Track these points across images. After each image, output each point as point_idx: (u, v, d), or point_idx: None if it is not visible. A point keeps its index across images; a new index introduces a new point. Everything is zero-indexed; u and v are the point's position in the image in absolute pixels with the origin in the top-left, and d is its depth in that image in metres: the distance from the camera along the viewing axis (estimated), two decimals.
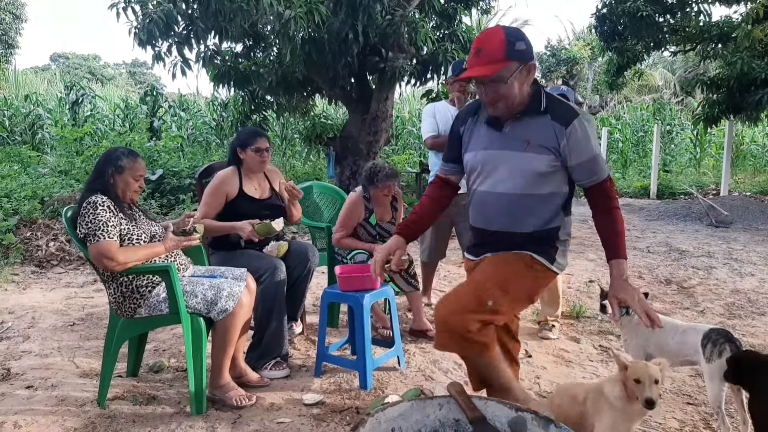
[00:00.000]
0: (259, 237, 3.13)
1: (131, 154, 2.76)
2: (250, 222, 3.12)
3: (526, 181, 2.05)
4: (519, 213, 2.09)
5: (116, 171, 2.66)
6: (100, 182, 2.65)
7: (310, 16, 5.78)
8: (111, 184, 2.64)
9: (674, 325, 2.64)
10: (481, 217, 2.21)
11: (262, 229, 3.10)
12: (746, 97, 9.35)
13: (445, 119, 4.10)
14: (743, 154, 16.05)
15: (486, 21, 12.90)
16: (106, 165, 2.68)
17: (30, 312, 4.17)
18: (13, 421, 2.53)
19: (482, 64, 1.97)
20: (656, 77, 25.97)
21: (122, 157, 2.70)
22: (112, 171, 2.65)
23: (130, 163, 2.70)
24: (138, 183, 2.73)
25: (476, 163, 2.15)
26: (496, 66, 1.95)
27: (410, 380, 3.04)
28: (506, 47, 1.95)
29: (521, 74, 1.99)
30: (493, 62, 1.95)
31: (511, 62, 1.96)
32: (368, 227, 3.76)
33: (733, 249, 6.85)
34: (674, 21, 9.98)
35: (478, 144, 2.15)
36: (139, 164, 2.74)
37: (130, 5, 6.08)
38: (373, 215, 3.77)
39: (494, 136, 2.10)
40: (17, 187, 6.79)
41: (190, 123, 14.22)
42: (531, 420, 1.67)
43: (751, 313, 4.35)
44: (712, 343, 2.38)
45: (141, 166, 2.75)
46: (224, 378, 2.74)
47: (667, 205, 10.47)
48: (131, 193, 2.72)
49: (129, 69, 40.57)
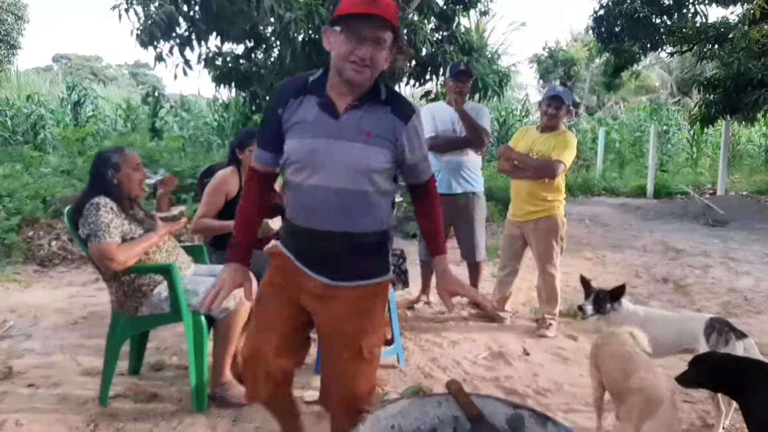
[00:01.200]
0: (258, 236, 3.16)
1: (118, 150, 2.80)
2: None
3: (362, 176, 1.77)
4: (354, 211, 1.80)
5: (115, 170, 2.69)
6: (99, 186, 2.67)
7: (310, 18, 5.81)
8: (115, 184, 2.68)
9: (667, 317, 2.68)
10: (310, 215, 1.83)
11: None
12: (743, 97, 9.39)
13: (443, 120, 4.14)
14: (740, 154, 16.08)
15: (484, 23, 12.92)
16: (103, 168, 2.70)
17: (32, 311, 4.19)
18: (15, 419, 2.55)
19: (382, 10, 1.67)
20: (653, 78, 26.02)
21: (113, 156, 2.74)
22: (111, 172, 2.68)
23: (122, 157, 2.73)
24: (140, 172, 2.77)
25: (304, 152, 1.78)
26: (393, 22, 1.70)
27: (409, 378, 3.07)
28: (396, 12, 1.73)
29: (390, 50, 1.76)
30: (392, 16, 1.70)
31: (394, 30, 1.73)
32: None
33: (729, 248, 6.89)
34: (671, 22, 10.02)
35: (306, 131, 1.77)
36: (130, 155, 2.77)
37: (132, 6, 6.10)
38: None
39: (328, 122, 1.76)
40: (20, 186, 6.81)
41: (191, 123, 14.23)
42: (528, 417, 1.70)
43: (747, 311, 4.39)
44: (717, 333, 2.40)
45: (132, 155, 2.79)
46: (226, 376, 2.77)
47: (663, 205, 10.51)
48: (137, 185, 2.75)
49: (131, 70, 40.56)
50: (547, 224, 3.81)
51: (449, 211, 4.16)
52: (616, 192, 12.92)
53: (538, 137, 3.83)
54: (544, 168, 3.71)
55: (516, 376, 3.14)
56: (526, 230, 3.90)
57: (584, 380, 3.09)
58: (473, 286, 4.41)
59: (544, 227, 3.81)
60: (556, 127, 3.85)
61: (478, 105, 4.33)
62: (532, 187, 3.80)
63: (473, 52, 7.76)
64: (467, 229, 4.19)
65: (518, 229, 3.96)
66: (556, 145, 3.71)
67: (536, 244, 3.87)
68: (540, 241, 3.84)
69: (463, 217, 4.17)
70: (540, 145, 3.78)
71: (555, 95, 3.84)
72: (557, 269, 3.89)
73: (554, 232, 3.81)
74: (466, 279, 4.72)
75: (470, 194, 4.16)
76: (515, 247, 4.02)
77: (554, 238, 3.82)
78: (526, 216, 3.86)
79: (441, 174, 4.13)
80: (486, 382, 3.05)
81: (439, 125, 4.15)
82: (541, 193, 3.78)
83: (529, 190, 3.81)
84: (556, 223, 3.82)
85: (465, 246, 4.26)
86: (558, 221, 3.82)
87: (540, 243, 3.84)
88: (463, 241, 4.25)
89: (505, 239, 4.12)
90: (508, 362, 3.33)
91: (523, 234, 3.94)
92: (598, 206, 10.09)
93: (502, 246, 4.17)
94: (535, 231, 3.85)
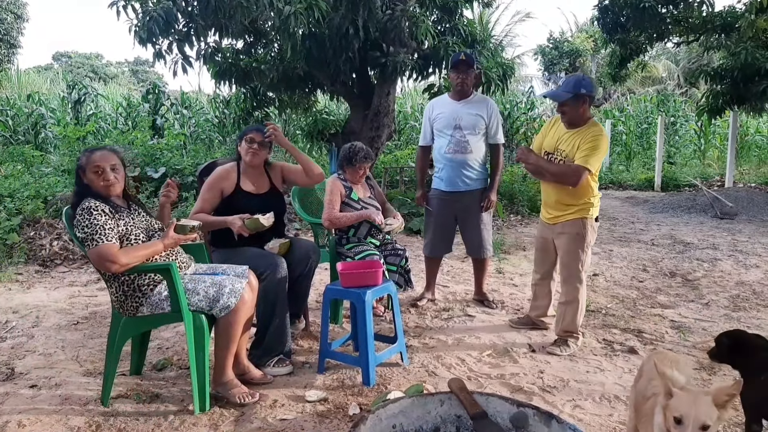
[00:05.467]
0: (249, 232, 3.13)
1: (88, 151, 2.73)
2: (240, 217, 3.12)
3: None
4: None
5: (83, 172, 2.66)
6: (80, 187, 2.66)
7: (310, 12, 5.75)
8: (86, 185, 2.65)
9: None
10: None
11: (250, 224, 3.11)
12: (750, 87, 9.30)
13: (443, 115, 4.08)
14: (748, 145, 15.95)
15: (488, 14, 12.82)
16: (78, 169, 2.69)
17: (34, 311, 4.18)
18: (18, 420, 2.54)
19: None
20: (659, 69, 25.83)
21: (82, 157, 2.70)
22: (81, 173, 2.67)
23: (86, 159, 2.66)
24: (101, 176, 2.62)
25: None
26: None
27: (413, 376, 3.04)
28: None
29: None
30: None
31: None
32: (353, 203, 3.81)
33: (737, 241, 6.82)
34: (677, 12, 9.90)
35: None
36: (93, 157, 2.65)
37: (130, 3, 6.05)
38: (353, 192, 3.83)
39: None
40: (20, 186, 6.80)
41: (192, 120, 14.23)
42: (533, 416, 1.66)
43: (756, 305, 4.32)
44: None
45: (96, 158, 2.64)
46: (227, 375, 2.74)
47: (671, 198, 10.43)
48: (104, 188, 2.64)
49: (131, 67, 40.57)
50: (573, 228, 3.38)
51: (455, 207, 4.14)
52: (623, 185, 12.84)
53: (564, 134, 3.37)
54: (565, 175, 3.29)
55: (521, 373, 3.09)
56: (554, 233, 3.51)
57: (591, 377, 3.04)
58: (478, 282, 4.37)
59: (569, 232, 3.39)
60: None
61: (485, 98, 4.27)
62: (559, 195, 3.41)
63: (476, 44, 7.69)
64: (474, 226, 4.13)
65: (549, 231, 3.56)
66: (581, 145, 3.23)
67: (560, 249, 3.47)
68: (563, 248, 3.43)
69: (469, 214, 4.12)
70: (565, 144, 3.34)
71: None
72: (582, 282, 3.42)
73: (580, 237, 3.36)
74: (471, 275, 4.68)
75: (476, 191, 4.10)
76: (547, 250, 3.61)
77: (580, 244, 3.37)
78: (554, 219, 3.48)
79: (446, 172, 4.09)
80: (491, 380, 3.01)
81: (438, 122, 4.10)
82: (570, 199, 3.37)
83: (557, 197, 3.43)
84: (584, 227, 3.36)
85: (471, 243, 4.19)
86: (586, 226, 3.36)
87: (563, 250, 3.43)
88: (470, 238, 4.18)
89: (537, 240, 3.76)
90: (514, 359, 3.29)
91: (552, 237, 3.55)
92: (605, 199, 10.00)
93: (535, 248, 3.80)
94: (560, 236, 3.45)
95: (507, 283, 4.99)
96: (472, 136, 4.02)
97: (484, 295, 4.35)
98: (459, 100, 4.08)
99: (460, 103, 4.06)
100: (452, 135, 4.03)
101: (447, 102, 4.15)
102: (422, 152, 4.37)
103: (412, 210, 7.55)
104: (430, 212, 4.25)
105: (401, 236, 7.00)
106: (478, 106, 4.06)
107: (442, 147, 4.08)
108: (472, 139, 4.02)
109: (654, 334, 3.70)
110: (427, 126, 4.21)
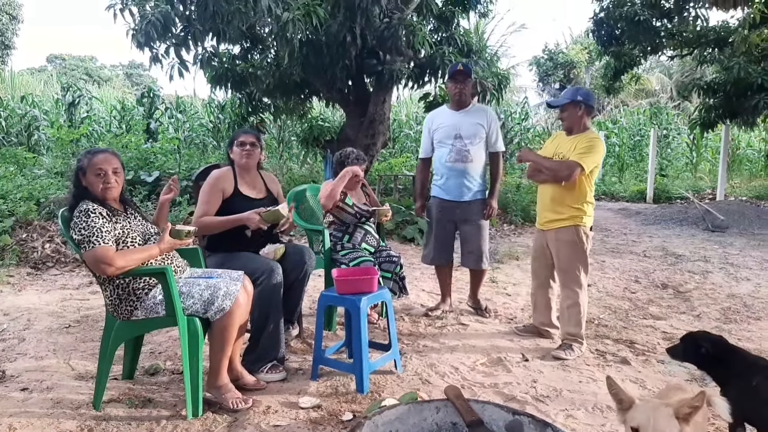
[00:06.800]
0: (268, 224, 3.13)
1: (90, 152, 2.72)
2: (256, 211, 3.12)
3: None
4: None
5: (83, 174, 2.65)
6: (78, 189, 2.65)
7: (308, 19, 5.78)
8: (84, 188, 2.64)
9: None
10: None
11: (269, 216, 3.10)
12: (743, 101, 9.41)
13: (443, 126, 4.11)
14: (739, 159, 16.12)
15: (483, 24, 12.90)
16: (77, 170, 2.68)
17: (25, 314, 4.15)
18: (8, 424, 2.51)
19: None
20: (653, 81, 26.08)
21: (83, 159, 2.69)
22: (81, 175, 2.66)
23: (87, 161, 2.65)
24: (102, 179, 2.63)
25: None
26: None
27: (407, 384, 3.03)
28: None
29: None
30: None
31: None
32: (347, 208, 3.84)
33: (729, 253, 6.87)
34: (671, 25, 10.03)
35: None
36: (96, 160, 2.64)
37: (128, 7, 6.07)
38: (348, 197, 3.86)
39: None
40: (13, 188, 6.76)
41: (186, 125, 14.20)
42: (528, 424, 1.67)
43: (746, 317, 4.36)
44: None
45: (98, 160, 2.64)
46: (222, 379, 2.73)
47: (663, 210, 10.51)
48: (103, 191, 2.64)
49: (126, 70, 40.53)
50: (566, 236, 3.50)
51: (455, 216, 4.15)
52: (616, 196, 12.93)
53: (564, 140, 3.59)
54: (559, 169, 3.43)
55: (515, 382, 3.10)
56: (549, 240, 3.61)
57: (584, 386, 3.05)
58: (474, 292, 4.37)
59: (563, 239, 3.51)
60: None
61: (484, 107, 4.30)
62: (554, 193, 3.53)
63: (472, 53, 7.75)
64: (473, 236, 4.13)
65: (544, 238, 3.67)
66: (577, 146, 3.44)
67: (557, 257, 3.57)
68: (559, 254, 3.55)
69: (468, 224, 4.13)
70: (563, 147, 3.54)
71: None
72: (582, 286, 3.51)
73: (576, 245, 3.48)
74: (464, 283, 4.69)
75: (475, 201, 4.11)
76: (543, 257, 3.70)
77: (576, 251, 3.48)
78: (548, 224, 3.59)
79: (447, 181, 4.11)
80: (484, 389, 3.01)
81: (438, 133, 4.13)
82: (564, 200, 3.49)
83: (552, 195, 3.55)
84: (578, 235, 3.48)
85: (469, 253, 4.17)
86: (580, 233, 3.48)
87: (560, 256, 3.54)
88: (468, 247, 4.16)
89: (534, 248, 3.83)
90: (507, 368, 3.29)
91: (547, 244, 3.65)
92: (598, 211, 9.98)
93: (532, 256, 3.87)
94: (555, 242, 3.56)
95: (500, 293, 5.00)
96: (472, 145, 4.04)
97: (478, 302, 4.35)
98: (458, 110, 4.11)
99: (460, 113, 4.09)
100: (453, 144, 4.05)
101: (446, 113, 4.17)
102: (422, 164, 4.37)
103: (405, 218, 7.57)
104: (430, 221, 4.26)
105: (395, 244, 7.01)
106: (478, 115, 4.09)
107: (443, 156, 4.10)
108: (472, 148, 4.04)
109: (646, 345, 3.71)
110: (427, 138, 4.23)
